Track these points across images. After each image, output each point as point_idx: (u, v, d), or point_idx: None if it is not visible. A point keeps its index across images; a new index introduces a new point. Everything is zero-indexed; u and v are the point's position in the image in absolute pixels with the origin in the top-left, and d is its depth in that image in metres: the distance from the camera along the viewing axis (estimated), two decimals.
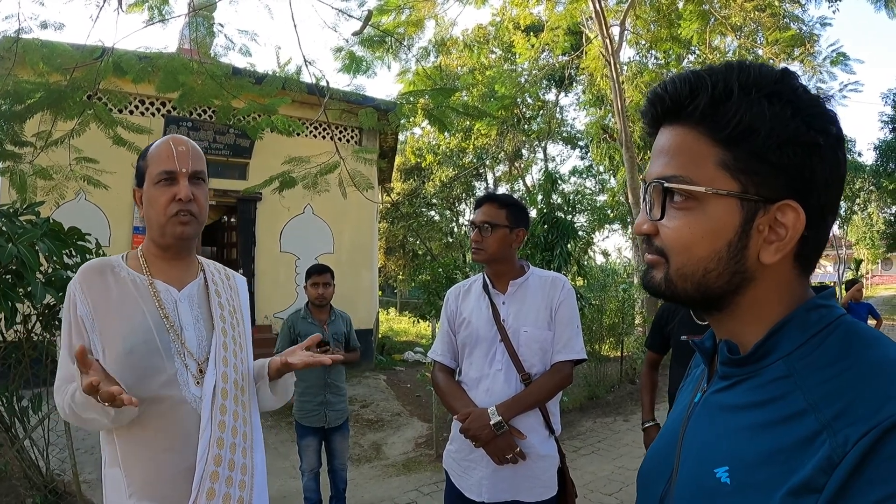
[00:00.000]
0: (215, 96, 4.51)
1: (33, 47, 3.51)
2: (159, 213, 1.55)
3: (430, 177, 22.62)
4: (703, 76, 0.72)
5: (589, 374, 8.49)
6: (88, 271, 1.57)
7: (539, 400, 2.22)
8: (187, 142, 1.62)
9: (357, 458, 5.78)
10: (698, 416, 0.80)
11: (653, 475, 0.86)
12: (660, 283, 0.78)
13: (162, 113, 8.84)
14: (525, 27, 15.02)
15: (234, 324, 1.70)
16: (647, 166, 0.81)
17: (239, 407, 1.60)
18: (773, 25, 11.67)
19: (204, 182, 1.64)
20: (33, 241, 2.92)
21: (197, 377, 1.55)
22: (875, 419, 0.58)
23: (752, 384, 0.73)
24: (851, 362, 0.65)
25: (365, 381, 9.12)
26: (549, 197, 9.52)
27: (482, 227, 2.30)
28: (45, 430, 3.90)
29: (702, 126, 0.72)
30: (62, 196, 4.27)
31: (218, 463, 1.49)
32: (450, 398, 2.33)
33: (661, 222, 0.76)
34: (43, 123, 3.89)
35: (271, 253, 10.00)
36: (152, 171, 1.57)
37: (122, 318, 1.52)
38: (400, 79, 11.94)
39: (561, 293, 2.32)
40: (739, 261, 0.72)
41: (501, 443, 2.11)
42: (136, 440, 1.49)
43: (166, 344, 1.53)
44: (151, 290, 1.57)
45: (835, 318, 0.71)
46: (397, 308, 23.15)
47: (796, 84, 0.71)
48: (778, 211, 0.70)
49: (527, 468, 2.16)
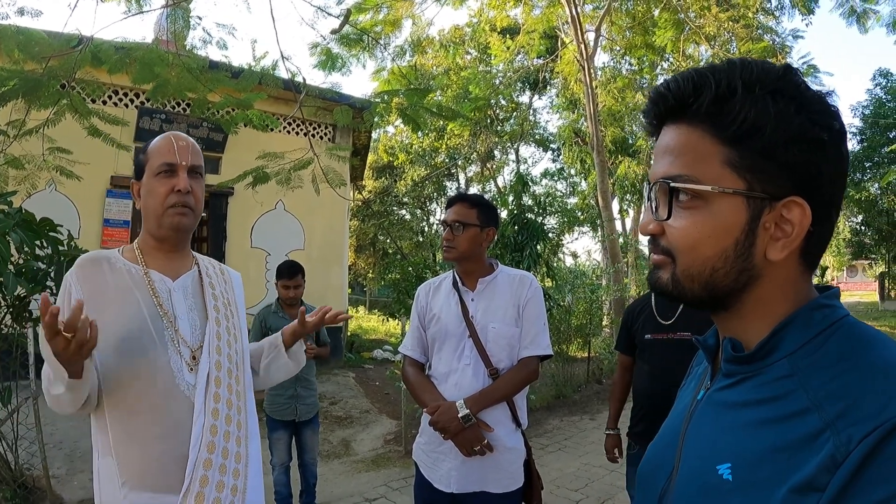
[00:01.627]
0: (191, 89, 4.50)
1: (9, 34, 3.46)
2: (157, 203, 1.60)
3: (402, 175, 22.56)
4: (707, 74, 0.72)
5: (556, 373, 8.60)
6: (84, 262, 1.61)
7: (506, 394, 2.29)
8: (187, 138, 1.67)
9: (326, 454, 5.80)
10: (701, 414, 0.80)
11: (653, 472, 0.86)
12: (667, 283, 0.77)
13: (136, 104, 8.70)
14: (501, 29, 15.12)
15: (227, 315, 1.73)
16: (651, 167, 0.80)
17: (233, 396, 1.63)
18: (747, 36, 11.91)
19: (201, 177, 1.69)
20: (5, 231, 2.90)
21: (190, 364, 1.57)
22: (879, 419, 0.58)
23: (755, 382, 0.73)
24: (855, 362, 0.66)
25: (334, 378, 9.11)
26: (520, 198, 9.61)
27: (453, 226, 2.37)
28: (14, 423, 3.85)
29: (706, 124, 0.72)
30: (34, 186, 4.22)
31: (211, 450, 1.51)
32: (419, 392, 2.39)
33: (667, 222, 0.76)
34: (16, 112, 3.84)
35: (242, 248, 9.92)
36: (153, 164, 1.61)
37: (116, 306, 1.54)
38: (375, 77, 11.93)
39: (528, 291, 2.40)
40: (747, 259, 0.72)
41: (469, 435, 2.18)
42: (129, 428, 1.50)
43: (160, 331, 1.56)
44: (146, 280, 1.60)
45: (838, 317, 0.71)
46: (367, 306, 23.08)
47: (799, 80, 0.71)
48: (784, 208, 0.70)
49: (494, 460, 2.23)
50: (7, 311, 3.62)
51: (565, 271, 12.14)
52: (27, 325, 3.63)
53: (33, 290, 3.37)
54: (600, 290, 10.38)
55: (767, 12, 12.56)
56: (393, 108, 5.07)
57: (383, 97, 5.47)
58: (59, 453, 5.02)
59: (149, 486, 1.47)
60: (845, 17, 10.59)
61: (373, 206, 21.55)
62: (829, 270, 36.59)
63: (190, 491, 1.47)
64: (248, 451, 1.64)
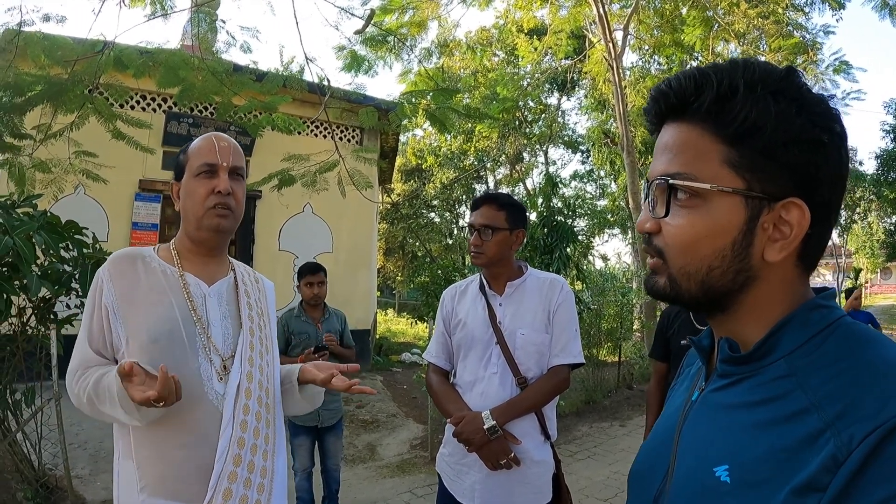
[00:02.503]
0: (216, 93, 4.50)
1: (35, 40, 3.50)
2: (197, 204, 1.55)
3: (431, 178, 22.57)
4: (709, 73, 0.72)
5: (586, 378, 8.45)
6: (118, 259, 1.57)
7: (535, 404, 2.18)
8: (229, 139, 1.63)
9: (351, 459, 5.75)
10: (696, 415, 0.79)
11: (647, 474, 0.85)
12: (664, 286, 0.77)
13: (163, 109, 8.80)
14: (528, 30, 14.99)
15: (261, 325, 1.67)
16: (650, 164, 0.80)
17: (262, 408, 1.57)
18: (777, 33, 11.66)
19: (243, 179, 1.64)
20: (30, 233, 2.90)
21: (220, 373, 1.52)
22: (880, 418, 0.58)
23: (752, 383, 0.72)
24: (854, 362, 0.65)
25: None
26: (550, 200, 9.52)
27: (482, 231, 2.25)
28: (37, 423, 3.89)
29: (707, 123, 0.72)
30: (61, 189, 4.25)
31: (237, 463, 1.46)
32: (443, 401, 2.30)
33: (664, 220, 0.75)
34: (43, 116, 3.87)
35: (269, 251, 9.96)
36: (193, 164, 1.57)
37: (149, 307, 1.50)
38: (402, 79, 11.92)
39: (559, 295, 2.28)
40: (744, 259, 0.72)
41: (495, 447, 2.08)
42: (152, 434, 1.46)
43: (192, 337, 1.51)
44: (181, 282, 1.56)
45: (836, 318, 0.71)
46: (396, 309, 23.12)
47: (801, 82, 0.71)
48: (783, 209, 0.70)
49: (521, 474, 2.13)
50: (32, 313, 3.64)
51: (595, 274, 11.96)
52: (51, 327, 3.65)
53: (58, 293, 3.38)
54: (631, 293, 10.19)
55: (797, 8, 12.24)
56: (420, 109, 5.00)
57: (410, 98, 5.40)
58: (83, 453, 5.05)
59: (167, 494, 1.43)
60: (878, 11, 10.29)
61: (401, 209, 21.59)
62: (863, 272, 35.63)
63: (213, 503, 1.42)
64: (275, 466, 1.59)
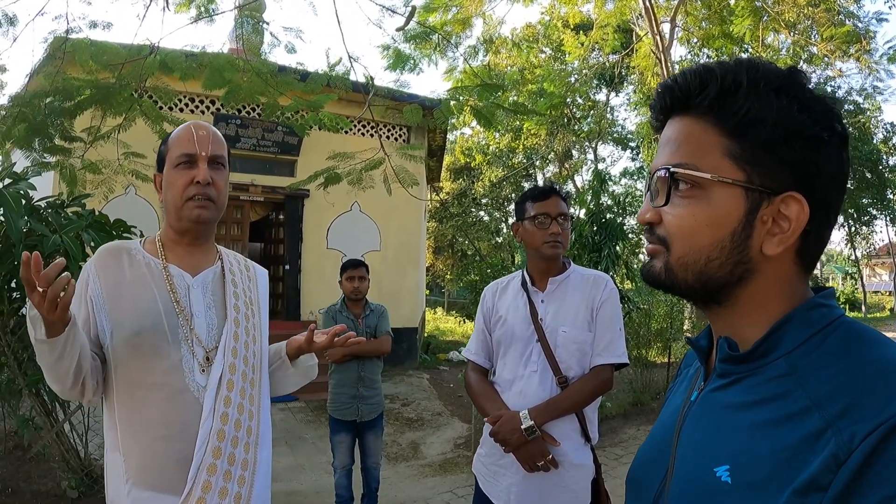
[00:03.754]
0: (261, 93, 4.57)
1: (82, 46, 3.62)
2: (176, 195, 1.55)
3: (480, 177, 22.53)
4: (713, 69, 0.74)
5: (634, 379, 8.27)
6: (104, 253, 1.59)
7: (575, 405, 2.12)
8: (208, 127, 1.61)
9: (394, 457, 5.76)
10: (695, 415, 0.79)
11: (645, 476, 0.85)
12: (660, 272, 0.77)
13: (211, 111, 9.02)
14: (574, 25, 14.79)
15: (248, 315, 1.66)
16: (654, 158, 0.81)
17: (245, 400, 1.57)
18: (828, 21, 11.19)
19: (224, 167, 1.62)
20: (78, 231, 2.99)
21: (203, 365, 1.52)
22: (881, 416, 0.58)
23: (752, 382, 0.72)
24: (855, 360, 0.65)
25: (408, 379, 9.13)
26: (599, 197, 9.34)
27: (560, 220, 2.18)
28: (84, 415, 4.02)
29: (710, 116, 0.73)
30: (111, 190, 4.39)
31: (217, 456, 1.46)
32: (481, 399, 2.25)
33: (664, 209, 0.76)
34: (92, 119, 3.99)
35: (318, 249, 10.10)
36: (172, 155, 1.57)
37: (132, 300, 1.51)
38: (447, 77, 11.88)
39: (603, 292, 2.20)
40: (742, 251, 0.72)
41: (532, 449, 2.02)
42: (136, 425, 1.47)
43: (174, 329, 1.51)
44: (165, 274, 1.56)
45: (836, 316, 0.71)
46: (445, 308, 23.14)
47: (804, 81, 0.72)
48: (782, 203, 0.70)
49: (559, 477, 2.06)
50: None
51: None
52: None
53: None
54: None
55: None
56: (466, 106, 4.97)
57: (455, 94, 5.38)
58: None
59: (150, 485, 1.44)
60: None
61: (450, 207, 21.60)
62: None
63: (192, 495, 1.42)
64: (258, 458, 1.58)
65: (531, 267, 2.30)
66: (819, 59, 13.19)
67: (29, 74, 4.25)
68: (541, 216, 2.20)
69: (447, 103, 5.17)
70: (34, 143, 3.86)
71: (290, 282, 9.95)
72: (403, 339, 9.96)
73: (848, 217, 19.46)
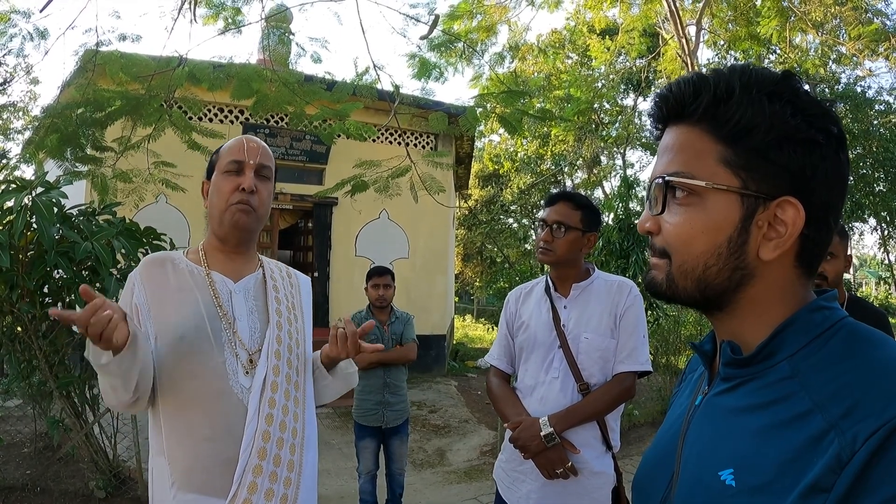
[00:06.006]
0: (289, 103, 4.62)
1: (112, 58, 3.72)
2: (221, 200, 1.60)
3: (508, 184, 22.47)
4: (707, 77, 0.75)
5: (663, 387, 8.13)
6: (149, 262, 1.64)
7: (596, 412, 2.10)
8: (259, 141, 1.68)
9: (420, 463, 5.76)
10: (700, 419, 0.80)
11: (651, 480, 0.86)
12: (661, 282, 0.78)
13: (240, 120, 9.16)
14: (600, 30, 14.69)
15: (291, 319, 1.70)
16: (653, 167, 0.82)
17: (290, 402, 1.59)
18: (855, 20, 10.94)
19: (269, 180, 1.67)
20: (109, 239, 3.06)
21: (247, 367, 1.55)
22: (883, 417, 0.58)
23: (755, 385, 0.73)
24: (857, 362, 0.65)
25: (436, 386, 9.13)
26: (627, 203, 9.27)
27: (553, 227, 2.18)
28: (113, 418, 4.12)
29: (704, 124, 0.74)
30: (141, 198, 4.49)
31: (262, 457, 1.48)
32: (502, 405, 2.25)
33: (662, 217, 0.77)
34: (123, 129, 4.10)
35: (346, 257, 10.16)
36: (222, 162, 1.63)
37: (176, 306, 1.56)
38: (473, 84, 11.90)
39: (627, 299, 2.19)
40: (739, 257, 0.73)
41: (552, 455, 2.02)
42: (181, 428, 1.50)
43: (217, 332, 1.55)
44: (207, 280, 1.61)
45: (837, 319, 0.71)
46: (474, 315, 23.08)
47: (797, 85, 0.72)
48: (778, 207, 0.71)
49: (578, 485, 2.05)
50: None
51: None
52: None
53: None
54: None
55: None
56: (492, 114, 4.98)
57: (480, 101, 5.39)
58: None
59: (195, 488, 1.46)
60: None
61: (479, 214, 21.57)
62: None
63: (237, 496, 1.44)
64: (303, 460, 1.59)
65: (550, 272, 2.31)
66: (848, 58, 12.93)
67: (61, 86, 4.39)
68: (541, 222, 2.24)
69: (472, 111, 5.19)
70: (66, 153, 3.98)
71: (318, 289, 10.02)
72: (432, 346, 9.97)
73: (881, 220, 18.85)
